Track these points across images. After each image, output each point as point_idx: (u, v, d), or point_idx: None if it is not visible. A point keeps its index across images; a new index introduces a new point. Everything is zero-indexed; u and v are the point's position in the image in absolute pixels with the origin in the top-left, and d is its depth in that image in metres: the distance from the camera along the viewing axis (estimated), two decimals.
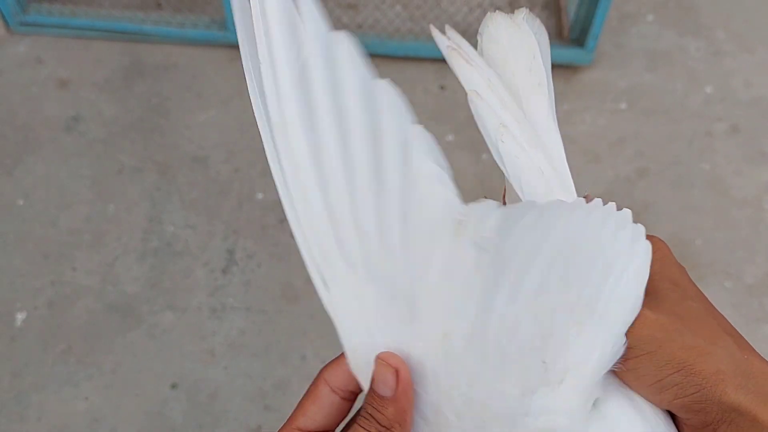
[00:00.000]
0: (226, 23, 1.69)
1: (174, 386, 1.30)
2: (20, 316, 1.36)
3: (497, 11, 0.38)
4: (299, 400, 0.37)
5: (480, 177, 1.52)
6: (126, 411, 1.27)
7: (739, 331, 0.37)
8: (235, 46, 1.73)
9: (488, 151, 0.38)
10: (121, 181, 1.54)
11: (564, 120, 1.64)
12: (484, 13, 1.79)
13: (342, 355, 0.36)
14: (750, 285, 1.42)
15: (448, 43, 0.35)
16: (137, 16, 1.76)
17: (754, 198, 1.54)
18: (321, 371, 0.37)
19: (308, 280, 0.37)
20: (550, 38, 0.41)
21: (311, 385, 0.37)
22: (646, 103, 1.68)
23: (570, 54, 1.68)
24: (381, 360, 0.33)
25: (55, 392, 1.29)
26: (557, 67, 1.71)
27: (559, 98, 1.67)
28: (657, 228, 1.49)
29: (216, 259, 1.43)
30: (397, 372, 0.32)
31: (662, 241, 0.37)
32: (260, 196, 1.52)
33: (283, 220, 1.48)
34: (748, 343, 0.35)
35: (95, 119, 1.63)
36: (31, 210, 1.50)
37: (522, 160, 0.34)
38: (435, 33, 0.35)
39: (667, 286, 0.35)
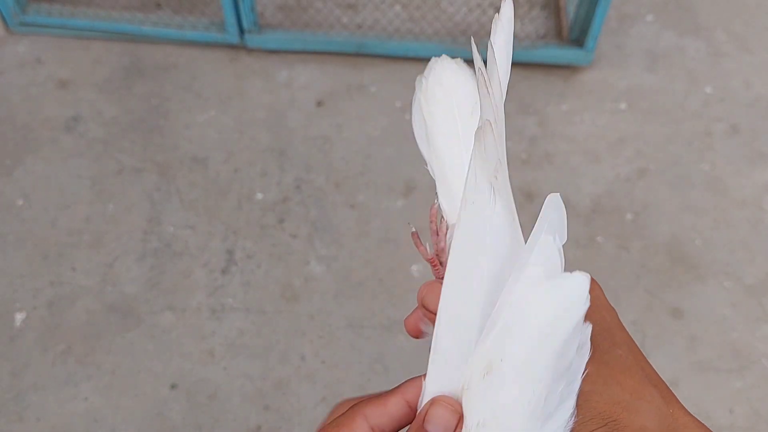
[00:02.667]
0: (225, 25, 1.69)
1: (173, 386, 1.30)
2: (19, 317, 1.36)
3: (443, 55, 0.41)
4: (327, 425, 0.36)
5: None
6: (125, 411, 1.27)
7: (738, 332, 0.36)
8: (234, 47, 1.74)
9: None
10: (120, 182, 1.54)
11: (564, 120, 1.64)
12: (483, 14, 1.80)
13: (384, 396, 0.35)
14: (749, 285, 1.42)
15: (479, 64, 0.35)
16: (137, 17, 1.76)
17: (753, 198, 1.54)
18: (358, 407, 0.35)
19: (307, 280, 0.37)
20: (550, 39, 0.42)
21: (346, 418, 0.35)
22: (646, 103, 1.68)
23: (569, 54, 1.68)
24: (445, 403, 0.32)
25: (55, 393, 1.28)
26: (557, 68, 1.71)
27: (559, 99, 1.67)
28: (656, 228, 1.49)
29: (215, 260, 1.43)
30: (460, 419, 0.32)
31: (594, 281, 0.36)
32: (260, 196, 1.52)
33: (282, 220, 1.48)
34: (673, 394, 0.35)
35: (95, 119, 1.63)
36: (31, 210, 1.50)
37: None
38: (473, 48, 0.36)
39: (597, 332, 0.34)
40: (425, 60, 0.44)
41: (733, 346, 1.35)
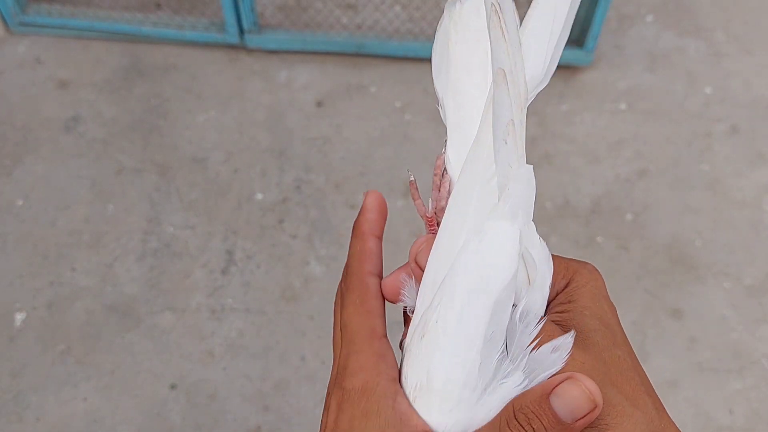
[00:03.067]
0: (225, 25, 1.68)
1: (173, 387, 1.30)
2: (19, 317, 1.36)
3: None
4: (354, 252, 0.37)
5: None
6: (125, 412, 1.27)
7: (738, 332, 0.35)
8: (234, 47, 1.74)
9: None
10: (120, 182, 1.54)
11: (563, 120, 1.64)
12: None
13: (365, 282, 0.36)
14: (749, 286, 1.42)
15: (494, 0, 0.31)
16: (137, 17, 1.76)
17: (753, 199, 1.54)
18: (361, 226, 0.36)
19: (307, 281, 0.37)
20: None
21: (358, 242, 0.37)
22: (646, 103, 1.68)
23: (569, 55, 1.68)
24: (584, 386, 0.29)
25: (54, 393, 1.28)
26: (557, 68, 1.70)
27: (559, 99, 1.67)
28: (656, 229, 1.49)
29: (215, 260, 1.43)
30: (594, 406, 0.29)
31: (597, 271, 0.35)
32: (259, 196, 1.52)
33: (282, 220, 1.48)
34: (664, 408, 0.33)
35: (95, 120, 1.63)
36: (31, 210, 1.50)
37: (514, 171, 0.31)
38: None
39: (597, 327, 0.32)
40: (425, 60, 0.42)
41: (732, 347, 1.34)
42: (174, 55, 1.74)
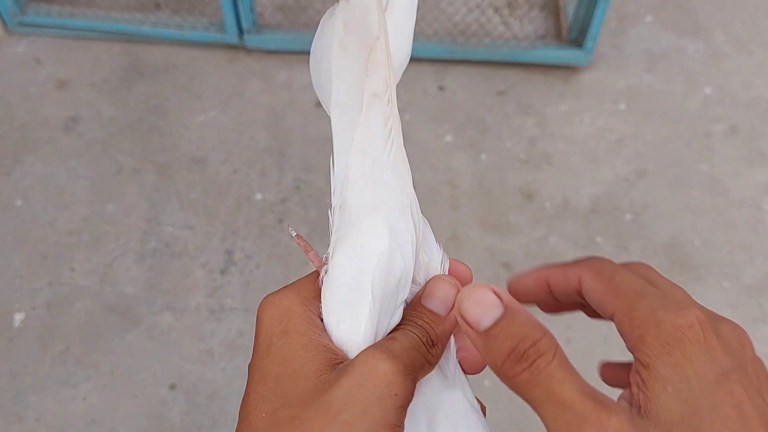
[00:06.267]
0: (224, 25, 1.68)
1: (173, 387, 1.30)
2: (18, 317, 1.36)
3: None
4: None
5: (479, 177, 1.52)
6: (124, 412, 1.27)
7: None
8: (233, 47, 1.74)
9: (487, 151, 0.37)
10: (119, 182, 1.54)
11: (563, 120, 1.64)
12: (483, 14, 1.79)
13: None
14: (748, 285, 1.42)
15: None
16: (136, 17, 1.76)
17: (752, 199, 1.54)
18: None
19: None
20: (549, 39, 0.40)
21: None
22: (645, 104, 1.68)
23: (569, 55, 1.68)
24: (445, 281, 0.33)
25: (54, 393, 1.28)
26: (556, 68, 1.71)
27: (558, 99, 1.67)
28: (656, 229, 1.49)
29: (215, 260, 1.43)
30: (457, 290, 0.33)
31: (707, 321, 0.24)
32: (259, 196, 1.52)
33: (281, 220, 1.48)
34: None
35: (94, 120, 1.63)
36: (30, 210, 1.50)
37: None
38: None
39: (679, 418, 0.24)
40: (425, 60, 0.42)
41: None
42: (173, 55, 1.74)
